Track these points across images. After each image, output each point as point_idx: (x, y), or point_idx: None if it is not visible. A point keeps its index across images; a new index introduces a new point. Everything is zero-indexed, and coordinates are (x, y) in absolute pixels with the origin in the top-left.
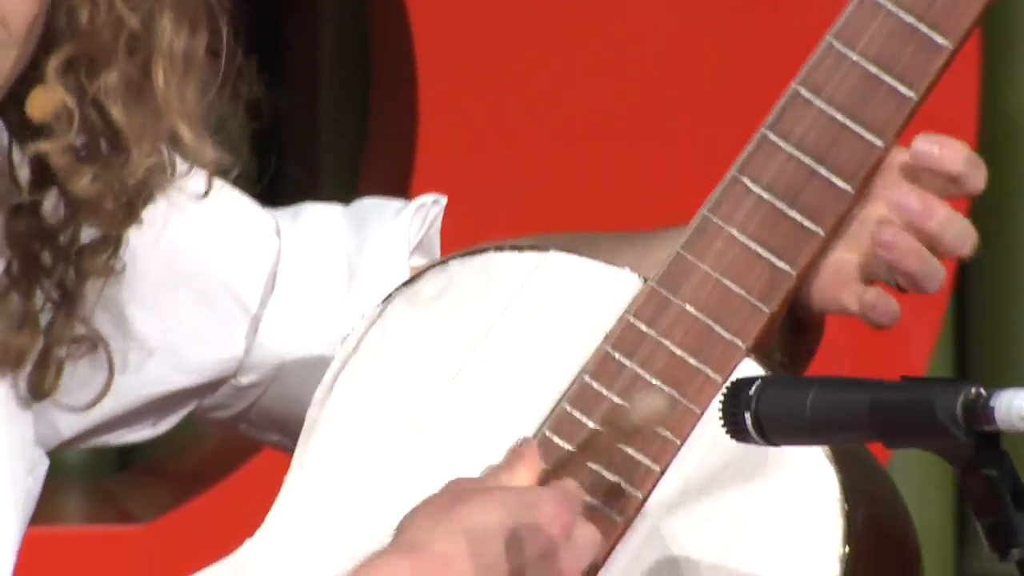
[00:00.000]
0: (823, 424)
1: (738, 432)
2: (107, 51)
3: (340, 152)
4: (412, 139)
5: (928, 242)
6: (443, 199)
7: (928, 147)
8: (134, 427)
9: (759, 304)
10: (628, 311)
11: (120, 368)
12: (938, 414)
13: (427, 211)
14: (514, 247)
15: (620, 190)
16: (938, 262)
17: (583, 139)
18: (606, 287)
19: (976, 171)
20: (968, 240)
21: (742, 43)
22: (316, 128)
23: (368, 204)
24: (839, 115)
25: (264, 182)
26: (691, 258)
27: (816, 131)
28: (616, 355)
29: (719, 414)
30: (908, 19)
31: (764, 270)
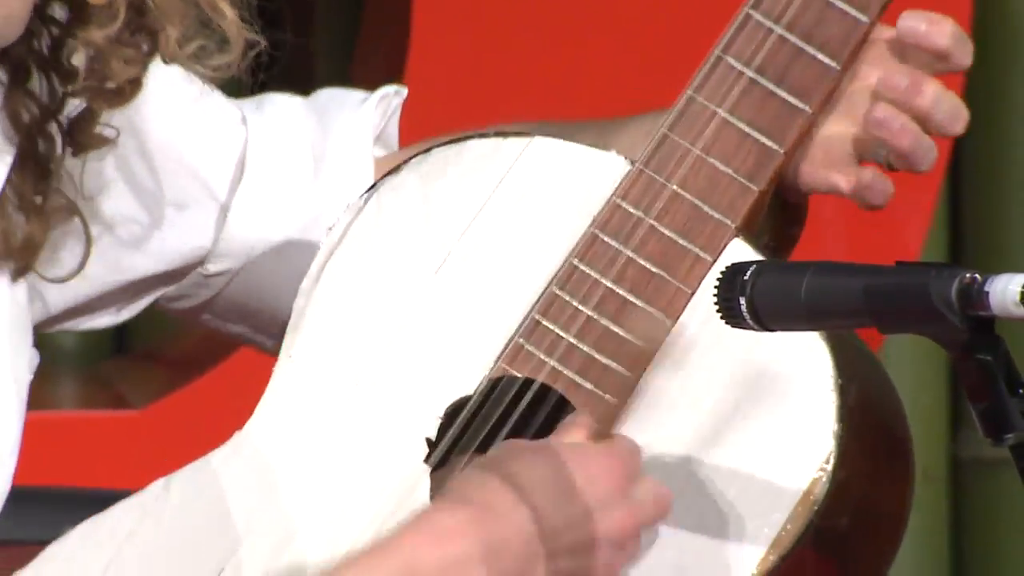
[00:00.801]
0: (818, 309)
1: (733, 317)
2: None
3: (334, 33)
4: (406, 24)
5: (919, 119)
6: (404, 91)
7: (915, 23)
8: (100, 312)
9: (747, 183)
10: (616, 194)
11: (91, 252)
12: (933, 299)
13: (389, 102)
14: (498, 133)
15: (615, 80)
16: (930, 140)
17: (576, 32)
18: (592, 171)
19: (963, 46)
20: (960, 117)
21: None
22: (311, 12)
23: (330, 95)
24: None
25: (259, 65)
26: (677, 139)
27: (800, 8)
28: (605, 238)
29: (712, 296)
30: None
31: (752, 148)
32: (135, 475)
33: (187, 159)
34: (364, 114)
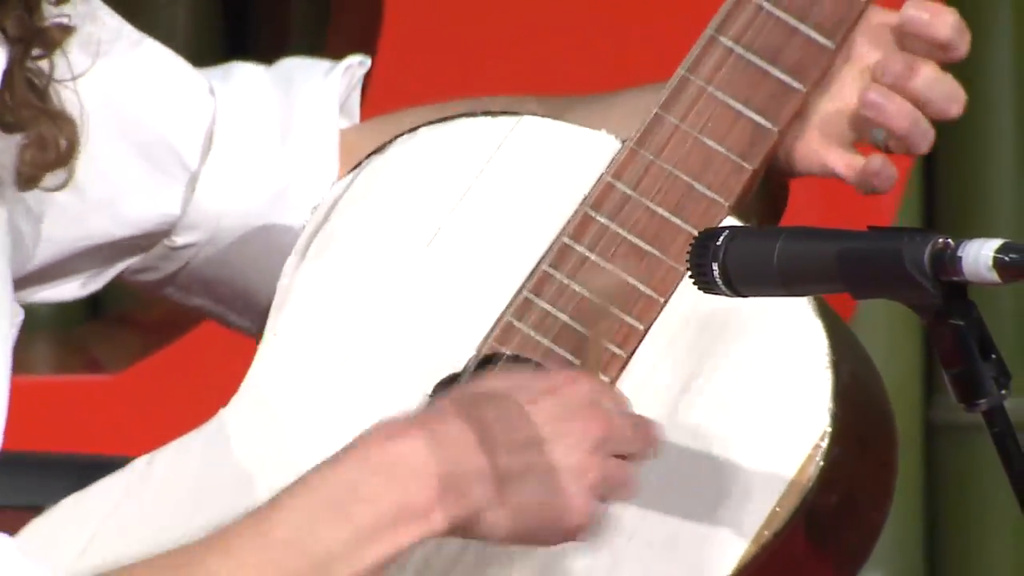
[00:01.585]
0: (790, 275)
1: (705, 283)
2: None
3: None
4: None
5: (915, 102)
6: (368, 61)
7: (918, 13)
8: (63, 280)
9: (741, 161)
10: (608, 173)
11: (59, 215)
12: (906, 264)
13: (353, 72)
14: (487, 113)
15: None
16: (927, 123)
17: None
18: (583, 150)
19: (963, 38)
20: (957, 99)
21: None
22: None
23: (294, 64)
24: None
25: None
26: (670, 118)
27: None
28: (597, 216)
29: (685, 262)
30: None
31: (745, 127)
32: (110, 440)
33: (158, 128)
34: (330, 85)
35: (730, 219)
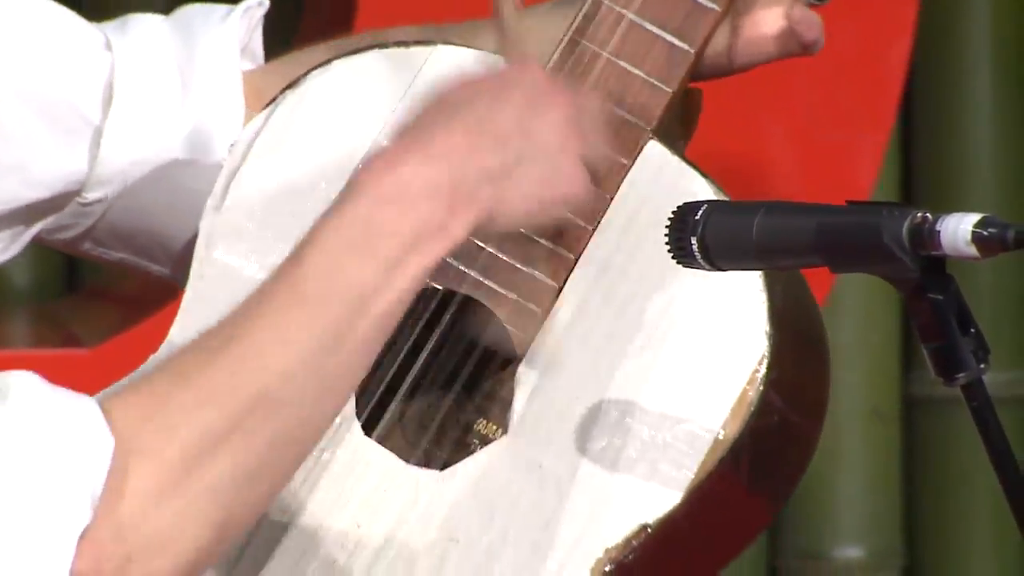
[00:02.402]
0: (769, 249)
1: (684, 256)
2: None
3: None
4: None
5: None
6: (266, 2)
7: None
8: None
9: (660, 84)
10: None
11: None
12: (884, 238)
13: (252, 14)
14: (399, 43)
15: None
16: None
17: None
18: None
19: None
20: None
21: None
22: None
23: (192, 11)
24: None
25: None
26: (586, 43)
27: None
28: None
29: (664, 237)
30: None
31: (662, 50)
32: None
33: (56, 85)
34: (229, 29)
35: (653, 143)
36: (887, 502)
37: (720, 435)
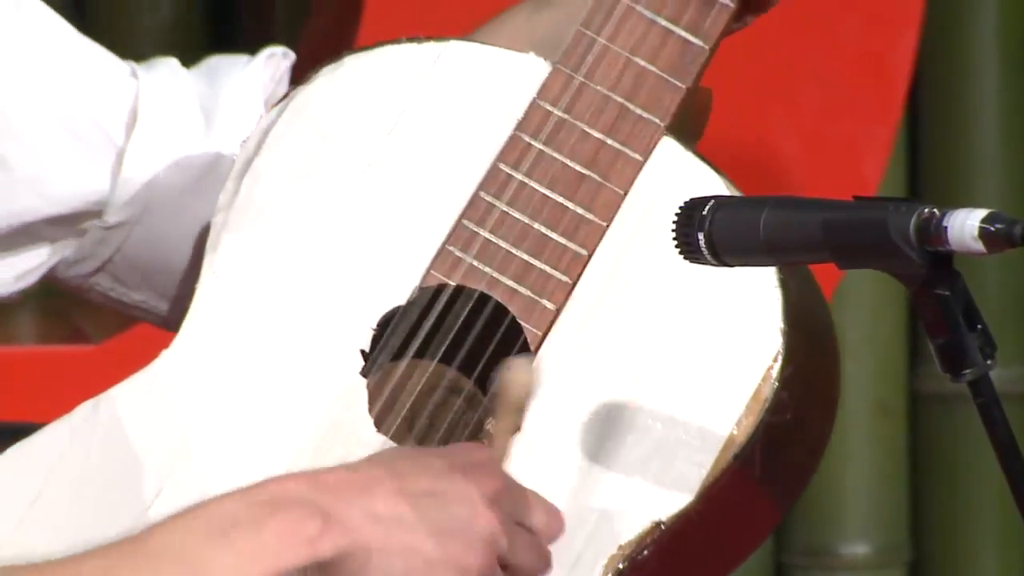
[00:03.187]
0: (776, 245)
1: (691, 252)
2: None
3: None
4: None
5: None
6: (292, 54)
7: None
8: None
9: (674, 80)
10: (538, 96)
11: None
12: (891, 234)
13: (277, 62)
14: (412, 39)
15: None
16: None
17: None
18: (512, 73)
19: None
20: None
21: None
22: None
23: (217, 59)
24: None
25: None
26: (599, 38)
27: None
28: (532, 141)
29: (671, 232)
30: None
31: (675, 46)
32: None
33: (81, 103)
34: (252, 71)
35: (666, 139)
36: (893, 498)
37: (734, 432)
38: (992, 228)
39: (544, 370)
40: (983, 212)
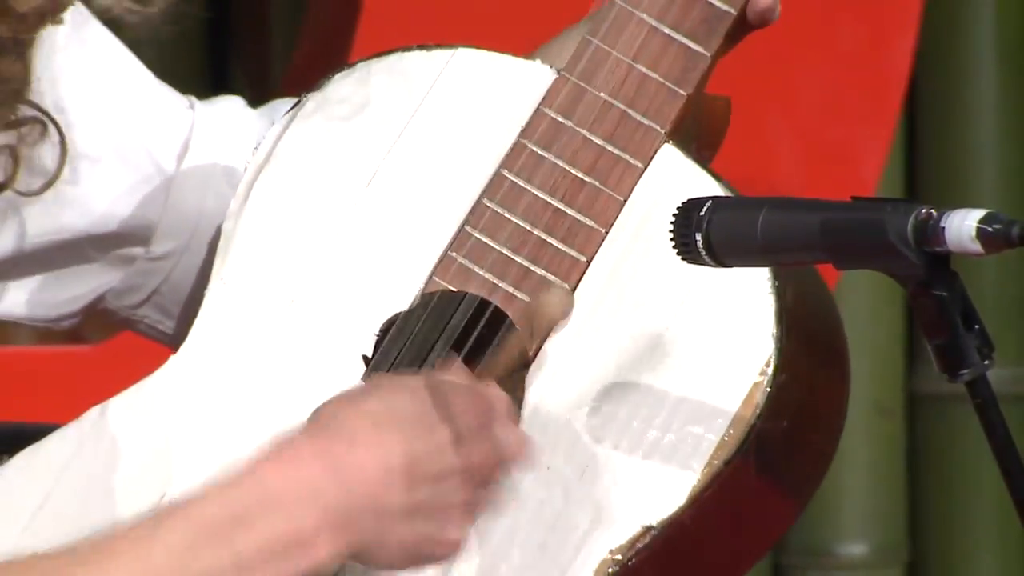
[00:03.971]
0: (774, 245)
1: (689, 253)
2: None
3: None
4: None
5: None
6: None
7: None
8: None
9: (675, 87)
10: (542, 103)
11: (32, 207)
12: (889, 235)
13: None
14: (422, 47)
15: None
16: None
17: None
18: (519, 81)
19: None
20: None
21: None
22: None
23: (281, 101)
24: None
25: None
26: (602, 46)
27: None
28: (533, 147)
29: (668, 233)
30: None
31: (678, 53)
32: None
33: (135, 130)
34: None
35: (667, 147)
36: (891, 498)
37: (725, 438)
38: (989, 229)
39: (541, 374)
40: (980, 213)
